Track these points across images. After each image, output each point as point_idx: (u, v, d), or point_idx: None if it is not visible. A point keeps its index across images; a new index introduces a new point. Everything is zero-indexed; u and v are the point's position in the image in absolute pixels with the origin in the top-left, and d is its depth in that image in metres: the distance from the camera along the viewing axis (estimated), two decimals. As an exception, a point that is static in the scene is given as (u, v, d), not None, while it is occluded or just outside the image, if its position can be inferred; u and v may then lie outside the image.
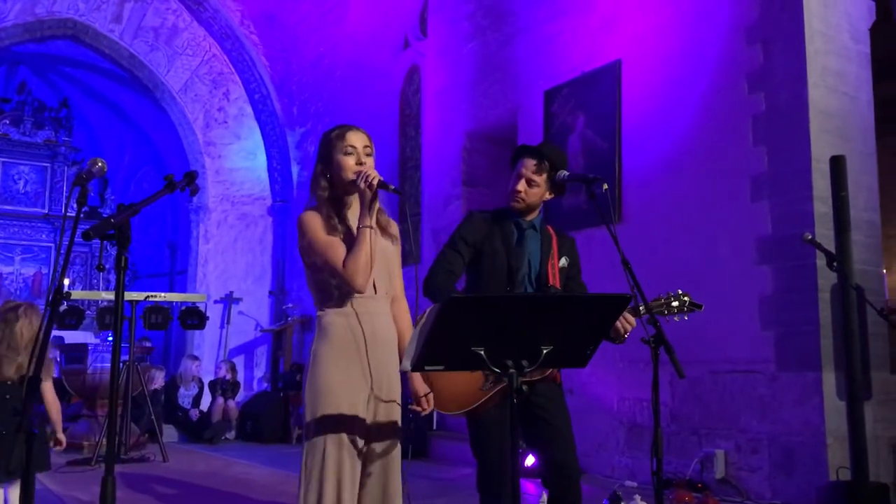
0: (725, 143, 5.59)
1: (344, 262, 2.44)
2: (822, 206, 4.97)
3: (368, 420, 2.50)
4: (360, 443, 2.47)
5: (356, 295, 2.50)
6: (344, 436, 2.43)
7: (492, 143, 8.24)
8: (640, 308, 2.87)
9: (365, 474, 2.51)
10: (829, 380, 4.89)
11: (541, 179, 3.12)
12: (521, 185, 3.11)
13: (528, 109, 7.31)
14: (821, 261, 4.75)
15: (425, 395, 2.67)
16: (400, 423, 2.59)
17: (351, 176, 2.54)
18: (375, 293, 2.55)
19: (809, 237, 4.35)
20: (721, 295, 5.42)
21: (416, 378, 2.67)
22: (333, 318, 2.51)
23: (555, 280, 3.11)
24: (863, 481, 4.39)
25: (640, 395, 5.95)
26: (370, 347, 2.51)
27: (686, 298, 3.06)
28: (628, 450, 6.04)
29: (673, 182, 5.92)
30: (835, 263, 4.30)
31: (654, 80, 6.18)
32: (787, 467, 5.03)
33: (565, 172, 3.07)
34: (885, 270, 5.79)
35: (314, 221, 2.51)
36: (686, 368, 2.79)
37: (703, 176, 5.72)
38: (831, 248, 4.55)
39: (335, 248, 2.47)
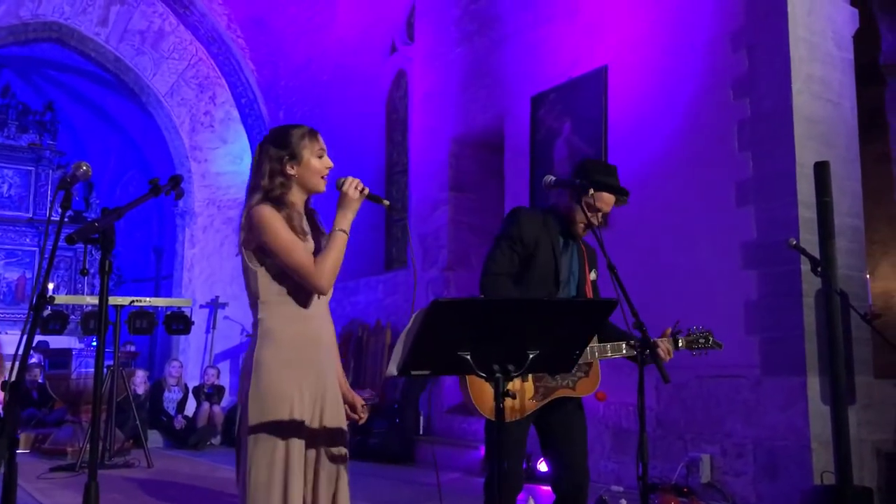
0: (711, 148, 5.62)
1: (315, 261, 2.36)
2: (806, 211, 5.01)
3: (316, 425, 2.43)
4: (310, 449, 2.41)
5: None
6: (293, 442, 2.36)
7: (479, 148, 8.25)
8: (679, 341, 3.09)
9: (316, 480, 2.43)
10: (814, 384, 4.92)
11: None
12: (598, 221, 3.04)
13: (515, 114, 7.33)
14: (805, 266, 4.78)
15: (362, 406, 2.63)
16: (346, 426, 2.55)
17: (319, 180, 2.48)
18: (319, 297, 2.50)
19: (794, 243, 4.37)
20: (706, 300, 5.45)
21: (346, 385, 2.62)
22: (281, 323, 2.42)
23: (590, 293, 3.16)
24: (847, 485, 4.41)
25: (625, 400, 5.97)
26: (318, 352, 2.47)
27: (710, 337, 3.23)
28: (614, 454, 6.05)
29: (659, 187, 5.94)
30: (819, 269, 4.32)
31: (639, 85, 6.21)
32: (771, 471, 5.05)
33: (552, 178, 3.08)
34: (868, 276, 5.83)
35: (276, 219, 2.37)
36: (671, 373, 2.81)
37: (688, 181, 5.75)
38: (816, 253, 4.58)
39: (300, 248, 2.38)
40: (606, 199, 3.03)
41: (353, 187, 2.40)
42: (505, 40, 7.55)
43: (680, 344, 3.10)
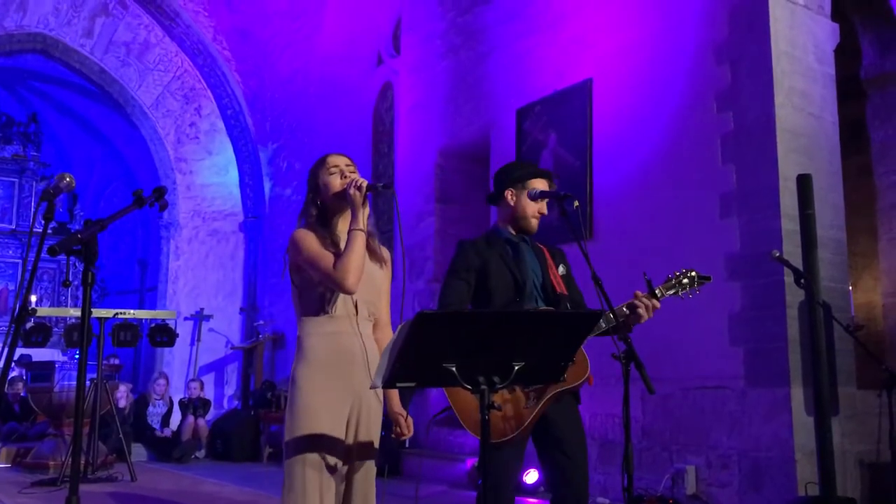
0: (695, 161, 5.66)
1: (334, 263, 2.44)
2: (789, 223, 5.04)
3: (349, 441, 2.49)
4: (340, 465, 2.46)
5: (338, 315, 2.50)
6: (324, 457, 2.42)
7: (465, 159, 8.27)
8: (657, 291, 3.00)
9: (347, 495, 2.50)
10: (798, 395, 4.95)
11: None
12: (545, 208, 3.15)
13: (501, 126, 7.36)
14: (788, 278, 4.81)
15: (406, 418, 2.65)
16: (377, 443, 2.58)
17: (339, 189, 2.58)
18: (357, 313, 2.55)
19: (777, 254, 4.40)
20: (691, 311, 5.45)
21: (395, 400, 2.65)
22: (315, 340, 2.50)
23: (560, 288, 3.14)
24: (830, 496, 4.43)
25: (611, 411, 5.97)
26: (351, 368, 2.50)
27: (693, 274, 3.14)
28: (601, 465, 6.05)
29: (643, 199, 5.98)
30: (802, 280, 4.35)
31: (624, 98, 6.25)
32: (756, 483, 5.06)
33: (537, 189, 3.11)
34: (850, 287, 5.88)
35: (309, 237, 2.53)
36: (657, 384, 2.81)
37: (672, 193, 5.78)
38: (799, 265, 4.61)
39: (326, 256, 2.48)
40: (539, 184, 3.14)
41: (353, 189, 2.51)
42: (490, 53, 7.58)
43: (659, 294, 2.99)
